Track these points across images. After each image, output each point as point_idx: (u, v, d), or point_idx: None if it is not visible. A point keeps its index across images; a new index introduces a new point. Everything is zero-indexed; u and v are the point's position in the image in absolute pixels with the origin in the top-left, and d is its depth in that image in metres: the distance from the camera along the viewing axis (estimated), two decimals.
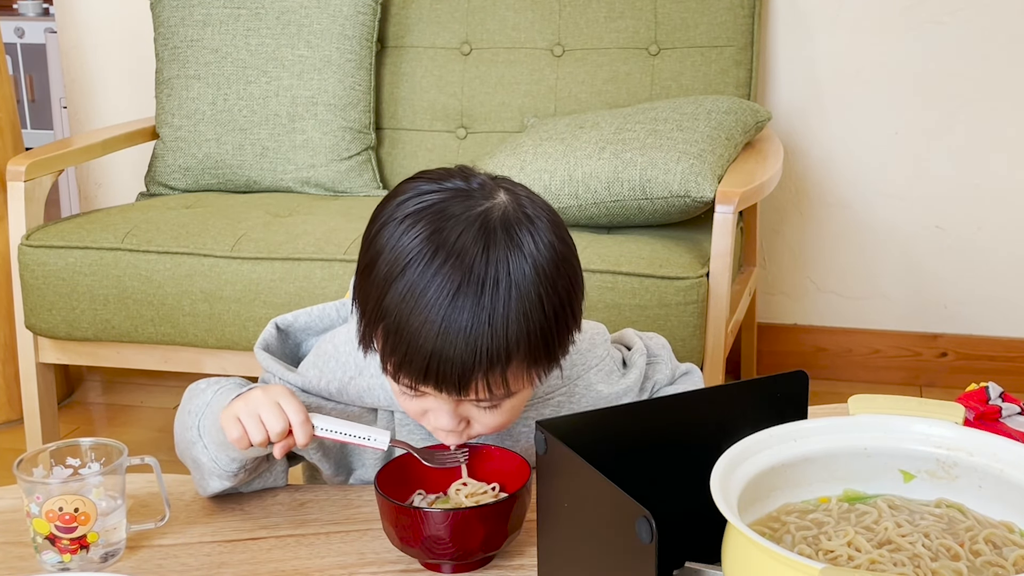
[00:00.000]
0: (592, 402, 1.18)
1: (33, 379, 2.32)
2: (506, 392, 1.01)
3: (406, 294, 0.97)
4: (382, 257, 0.99)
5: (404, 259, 0.98)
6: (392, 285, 0.98)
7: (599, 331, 1.21)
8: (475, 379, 0.98)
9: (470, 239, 0.97)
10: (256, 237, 2.20)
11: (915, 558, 0.77)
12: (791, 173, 2.74)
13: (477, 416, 1.05)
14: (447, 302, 0.96)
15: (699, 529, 0.83)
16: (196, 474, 1.13)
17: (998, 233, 2.69)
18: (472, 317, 0.96)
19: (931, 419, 0.87)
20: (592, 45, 2.57)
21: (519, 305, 0.97)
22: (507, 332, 0.97)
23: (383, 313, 0.99)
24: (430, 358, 0.97)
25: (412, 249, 0.98)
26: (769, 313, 2.84)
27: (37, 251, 2.23)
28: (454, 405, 1.03)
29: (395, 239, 0.99)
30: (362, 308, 1.03)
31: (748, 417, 0.88)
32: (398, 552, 1.04)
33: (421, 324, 0.96)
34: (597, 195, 2.08)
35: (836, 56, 2.68)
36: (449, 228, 0.98)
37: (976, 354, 2.75)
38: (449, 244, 0.97)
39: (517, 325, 0.97)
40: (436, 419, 1.04)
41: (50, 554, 1.02)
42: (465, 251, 0.97)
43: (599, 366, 1.20)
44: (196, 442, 1.09)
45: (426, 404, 1.04)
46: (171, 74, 2.60)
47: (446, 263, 0.97)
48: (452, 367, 0.97)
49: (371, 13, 2.58)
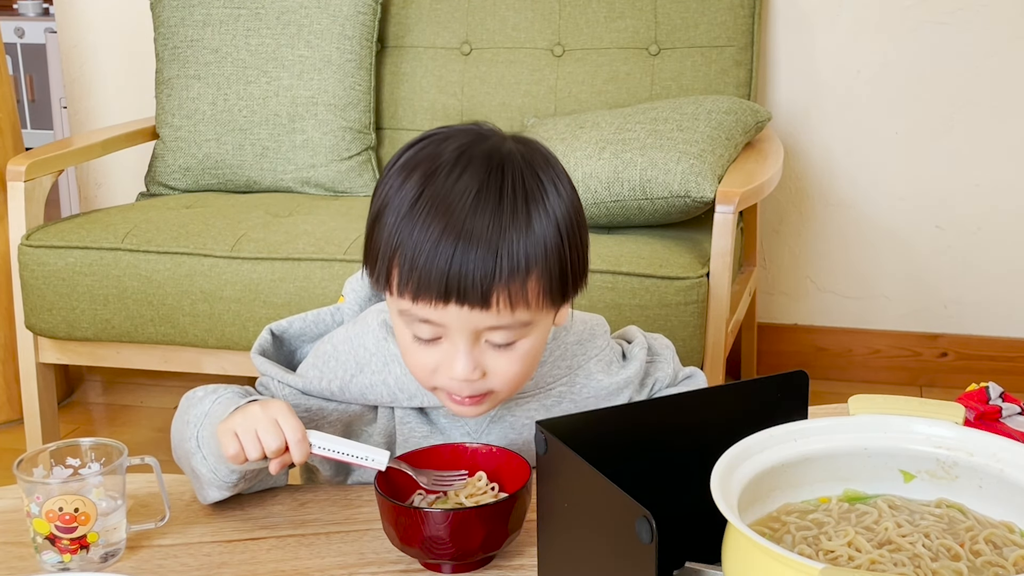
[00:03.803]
0: (592, 392, 1.18)
1: (33, 379, 2.32)
2: (525, 308, 1.00)
3: (427, 204, 0.98)
4: (398, 191, 1.01)
5: (426, 173, 1.00)
6: (414, 202, 0.99)
7: (599, 323, 1.21)
8: (496, 288, 0.98)
9: (488, 158, 1.01)
10: (256, 237, 2.20)
11: (915, 558, 0.77)
12: (791, 173, 2.74)
13: (493, 363, 1.03)
14: (469, 204, 0.98)
15: (699, 529, 0.83)
16: (195, 483, 1.13)
17: (998, 233, 2.69)
18: (493, 219, 0.98)
19: (931, 419, 0.87)
20: (592, 45, 2.57)
21: (538, 215, 1.00)
22: (527, 239, 0.99)
23: (400, 238, 0.99)
24: (451, 264, 0.97)
25: (433, 162, 1.01)
26: (769, 313, 2.84)
27: (37, 251, 2.23)
28: (471, 343, 1.02)
29: (411, 165, 1.02)
30: (376, 248, 1.03)
31: (748, 417, 0.88)
32: (398, 552, 1.04)
33: (442, 230, 0.97)
34: (597, 195, 2.09)
35: (836, 56, 2.68)
36: (469, 145, 1.02)
37: (976, 354, 2.75)
38: (470, 153, 1.00)
39: (536, 235, 0.99)
40: (451, 368, 1.03)
41: (50, 554, 1.02)
42: (487, 159, 1.00)
43: (599, 356, 1.19)
44: (195, 453, 1.09)
45: (439, 352, 1.03)
46: (171, 74, 2.60)
47: (466, 171, 0.99)
48: (474, 271, 0.97)
49: (371, 13, 2.58)
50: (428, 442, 1.15)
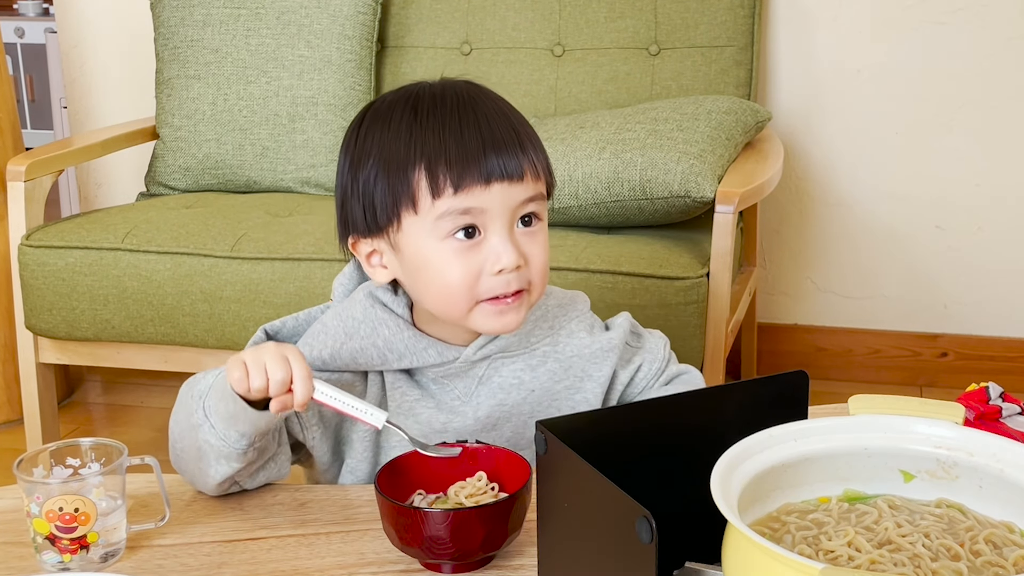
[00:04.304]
0: (575, 350, 1.22)
1: (33, 379, 2.32)
2: (541, 181, 1.12)
3: (429, 113, 1.10)
4: (384, 131, 1.11)
5: (408, 101, 1.12)
6: (413, 120, 1.10)
7: (580, 295, 1.27)
8: (522, 159, 1.09)
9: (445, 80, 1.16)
10: (256, 237, 2.20)
11: (915, 558, 0.77)
12: (791, 173, 2.74)
13: (528, 248, 1.11)
14: (466, 99, 1.11)
15: (699, 529, 0.83)
16: (201, 463, 1.11)
17: (998, 233, 2.69)
18: (493, 106, 1.12)
19: (931, 419, 0.87)
20: (592, 45, 2.57)
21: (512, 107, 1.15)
22: (521, 118, 1.13)
23: (420, 148, 1.08)
24: (484, 145, 1.08)
25: (408, 97, 1.12)
26: (769, 313, 2.84)
27: (37, 251, 2.23)
28: (510, 228, 1.10)
29: (383, 112, 1.13)
30: (373, 189, 1.11)
31: (748, 417, 0.88)
32: (398, 552, 1.04)
33: (459, 121, 1.09)
34: (597, 195, 2.09)
35: (836, 56, 2.68)
36: (421, 83, 1.15)
37: (976, 354, 2.75)
38: (431, 84, 1.15)
39: (522, 116, 1.14)
40: (497, 260, 1.09)
41: (50, 554, 1.02)
42: (446, 80, 1.15)
43: (580, 318, 1.24)
44: (202, 424, 1.08)
45: (480, 254, 1.09)
46: (171, 74, 2.60)
47: (443, 87, 1.13)
48: (506, 146, 1.08)
49: (371, 13, 2.58)
50: (419, 405, 1.17)
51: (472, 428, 1.18)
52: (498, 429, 1.19)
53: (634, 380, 1.26)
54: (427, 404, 1.18)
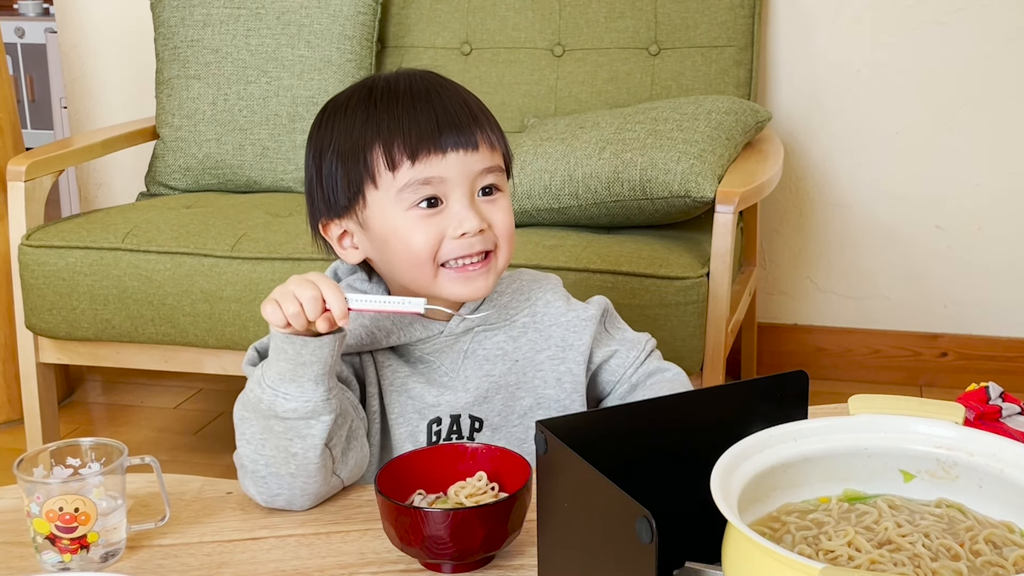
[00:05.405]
0: (553, 319, 1.25)
1: (33, 379, 2.32)
2: (498, 152, 1.17)
3: (384, 94, 1.15)
4: (344, 119, 1.16)
5: (365, 90, 1.18)
6: (368, 103, 1.15)
7: (554, 277, 1.31)
8: (476, 130, 1.14)
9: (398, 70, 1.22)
10: (256, 237, 2.20)
11: (915, 558, 0.77)
12: (791, 173, 2.74)
13: (490, 214, 1.15)
14: (420, 79, 1.17)
15: (699, 529, 0.83)
16: (296, 458, 1.07)
17: (998, 233, 2.69)
18: (445, 84, 1.18)
19: (931, 419, 0.87)
20: (592, 45, 2.57)
21: (466, 90, 1.20)
22: (473, 96, 1.19)
23: (377, 125, 1.13)
24: (437, 116, 1.13)
25: (363, 87, 1.19)
26: (769, 313, 2.84)
27: (37, 251, 2.23)
28: (470, 196, 1.14)
29: (341, 104, 1.19)
30: (336, 173, 1.16)
31: (748, 417, 0.88)
32: (398, 552, 1.04)
33: (412, 98, 1.14)
34: (597, 195, 2.09)
35: (836, 56, 2.68)
36: (376, 75, 1.22)
37: (976, 354, 2.75)
38: (385, 73, 1.22)
39: (473, 95, 1.19)
40: (459, 224, 1.13)
41: (50, 554, 1.02)
42: (399, 70, 1.21)
43: (555, 290, 1.28)
44: (273, 400, 1.06)
45: (442, 220, 1.13)
46: (171, 74, 2.60)
47: (397, 74, 1.19)
48: (457, 116, 1.13)
49: (371, 13, 2.58)
50: (411, 381, 1.20)
51: (464, 401, 1.21)
52: (489, 401, 1.22)
53: (609, 363, 1.28)
54: (418, 380, 1.21)
